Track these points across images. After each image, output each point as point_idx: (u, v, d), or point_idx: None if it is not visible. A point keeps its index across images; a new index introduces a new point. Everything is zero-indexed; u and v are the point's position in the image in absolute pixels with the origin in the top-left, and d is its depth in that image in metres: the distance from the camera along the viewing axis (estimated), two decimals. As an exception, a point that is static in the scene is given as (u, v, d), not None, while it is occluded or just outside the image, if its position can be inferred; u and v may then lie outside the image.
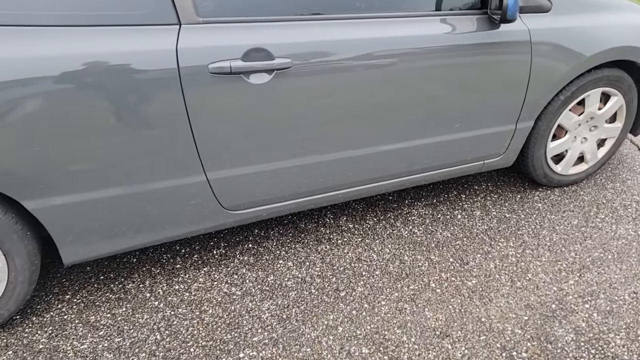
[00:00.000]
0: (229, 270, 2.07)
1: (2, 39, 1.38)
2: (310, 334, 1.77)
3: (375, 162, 2.03)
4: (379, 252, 2.17)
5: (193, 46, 1.57)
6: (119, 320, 1.82)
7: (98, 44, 1.47)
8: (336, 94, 1.81)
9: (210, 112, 1.65)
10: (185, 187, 1.76)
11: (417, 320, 1.83)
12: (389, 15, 1.86)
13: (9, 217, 1.58)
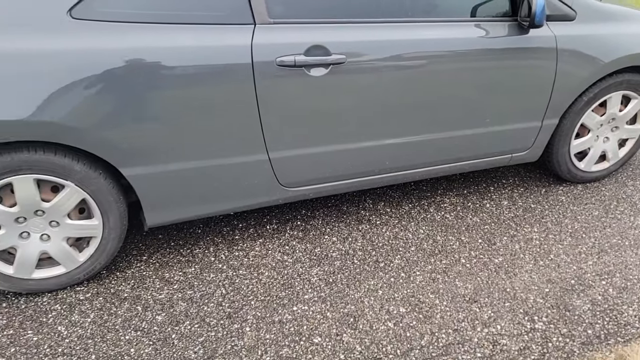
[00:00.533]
0: (281, 242, 2.34)
1: (117, 33, 1.71)
2: (354, 295, 2.03)
3: (414, 150, 2.29)
4: (414, 232, 2.42)
5: (265, 42, 1.87)
6: (190, 278, 2.12)
7: (189, 39, 1.79)
8: (382, 88, 2.08)
9: (276, 99, 1.94)
10: (250, 164, 2.05)
11: (448, 288, 2.07)
12: (431, 20, 2.14)
13: (107, 182, 1.90)
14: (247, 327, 1.88)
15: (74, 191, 1.86)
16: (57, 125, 1.70)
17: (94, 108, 1.73)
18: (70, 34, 1.68)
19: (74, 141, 1.75)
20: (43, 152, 1.76)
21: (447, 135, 2.32)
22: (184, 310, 1.96)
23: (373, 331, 1.87)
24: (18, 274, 1.92)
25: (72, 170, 1.82)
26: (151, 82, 1.78)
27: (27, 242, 1.89)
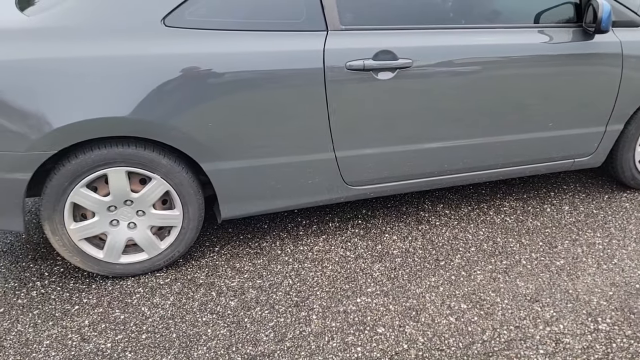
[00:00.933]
0: (343, 239, 2.44)
1: (204, 40, 1.88)
2: (415, 290, 2.10)
3: (477, 153, 2.34)
4: (473, 234, 2.46)
5: (336, 47, 2.00)
6: (258, 268, 2.25)
7: (267, 45, 1.94)
8: (446, 91, 2.16)
9: (345, 100, 2.06)
10: (318, 162, 2.17)
11: (510, 287, 2.10)
12: (495, 26, 2.20)
13: (189, 175, 2.07)
14: (314, 315, 1.99)
15: (160, 183, 2.03)
16: (150, 122, 1.88)
17: (181, 108, 1.90)
18: (164, 40, 1.86)
19: (164, 137, 1.93)
20: (135, 147, 1.95)
21: (510, 138, 2.36)
22: (255, 297, 2.09)
23: (435, 324, 1.94)
24: (107, 259, 2.11)
25: (159, 164, 2.00)
26: (232, 85, 1.94)
27: (117, 229, 2.09)
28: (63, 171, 1.91)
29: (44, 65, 1.79)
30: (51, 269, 2.28)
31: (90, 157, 1.91)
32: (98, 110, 1.83)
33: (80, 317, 2.00)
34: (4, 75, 1.77)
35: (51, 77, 1.80)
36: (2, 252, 2.40)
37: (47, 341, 1.89)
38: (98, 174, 1.95)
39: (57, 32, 1.82)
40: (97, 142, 1.92)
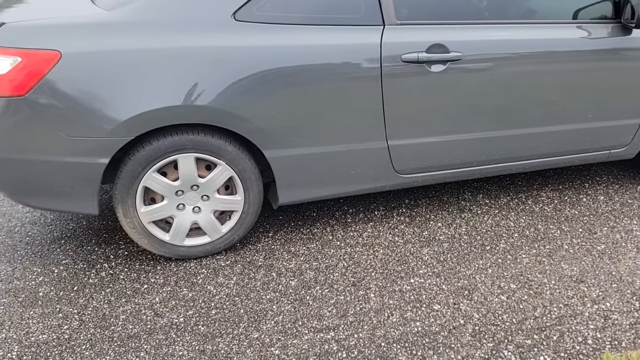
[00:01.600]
0: (390, 226, 2.55)
1: (271, 33, 2.00)
2: (465, 272, 2.21)
3: (521, 143, 2.45)
4: (515, 221, 2.56)
5: (392, 41, 2.12)
6: (313, 252, 2.36)
7: (329, 38, 2.06)
8: (494, 83, 2.27)
9: (399, 91, 2.18)
10: (371, 151, 2.28)
11: (555, 269, 2.21)
12: (539, 22, 2.32)
13: (251, 162, 2.19)
14: (372, 294, 2.10)
15: (225, 169, 2.15)
16: (221, 111, 2.01)
17: (249, 97, 2.02)
18: (234, 34, 1.99)
19: (232, 125, 2.05)
20: (204, 135, 2.07)
21: (552, 129, 2.47)
22: (313, 277, 2.20)
23: (488, 302, 2.04)
24: (172, 241, 2.23)
25: (225, 151, 2.12)
26: (295, 76, 2.06)
27: (183, 213, 2.20)
28: (138, 156, 2.03)
29: (125, 56, 1.92)
30: (116, 252, 2.40)
31: (164, 144, 2.03)
32: (174, 99, 1.95)
33: (150, 295, 2.12)
34: (89, 65, 1.90)
35: (131, 67, 1.93)
36: (67, 237, 2.52)
37: (123, 316, 2.01)
38: (169, 159, 2.07)
39: (136, 26, 1.95)
40: (169, 130, 2.05)
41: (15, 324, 1.99)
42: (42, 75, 1.87)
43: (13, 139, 1.95)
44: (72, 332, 1.94)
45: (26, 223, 2.66)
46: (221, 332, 1.93)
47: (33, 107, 1.89)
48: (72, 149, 1.95)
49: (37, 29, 1.93)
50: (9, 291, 2.17)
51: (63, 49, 1.88)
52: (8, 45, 1.89)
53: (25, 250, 2.43)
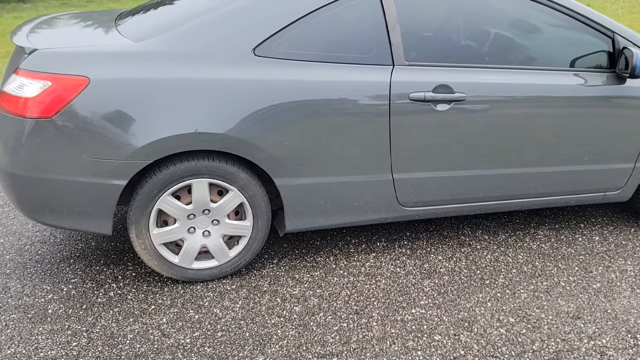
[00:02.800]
0: (392, 257, 2.62)
1: (299, 69, 2.13)
2: (465, 304, 2.26)
3: (519, 182, 2.56)
4: (513, 257, 2.64)
5: (401, 80, 2.25)
6: (316, 279, 2.42)
7: (341, 75, 2.19)
8: (495, 122, 2.40)
9: (405, 127, 2.29)
10: (377, 183, 2.38)
11: (552, 305, 2.27)
12: (539, 68, 2.46)
13: (262, 190, 2.27)
14: (374, 322, 2.15)
15: (236, 195, 2.24)
16: (237, 139, 2.11)
17: (264, 127, 2.13)
18: (253, 68, 2.11)
19: (246, 153, 2.14)
20: (219, 161, 2.17)
21: (550, 170, 2.58)
22: (317, 304, 2.25)
23: (487, 334, 2.09)
24: (181, 263, 2.29)
25: (238, 177, 2.20)
26: (309, 109, 2.17)
27: (193, 236, 2.27)
28: (154, 180, 2.11)
29: (148, 85, 2.03)
30: (124, 272, 2.45)
31: (180, 168, 2.12)
32: (193, 126, 2.05)
33: (157, 316, 2.16)
34: (114, 92, 2.01)
35: (154, 95, 2.03)
36: (76, 257, 2.57)
37: (131, 335, 2.05)
38: (184, 183, 2.15)
39: (160, 57, 2.07)
40: (186, 155, 2.14)
41: (24, 339, 2.03)
42: (70, 99, 1.97)
43: (37, 159, 2.04)
44: (80, 349, 1.98)
45: (36, 242, 2.71)
46: (227, 354, 1.97)
47: (59, 128, 1.99)
48: (92, 170, 2.04)
49: (68, 56, 2.04)
50: (19, 307, 2.20)
51: (91, 75, 2.00)
52: (39, 70, 2.00)
53: (35, 268, 2.48)
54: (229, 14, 2.16)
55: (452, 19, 2.53)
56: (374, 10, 2.24)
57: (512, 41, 2.63)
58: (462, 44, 2.44)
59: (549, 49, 2.60)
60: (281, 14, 2.19)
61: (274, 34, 2.15)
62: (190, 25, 2.15)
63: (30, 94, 1.99)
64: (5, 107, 2.08)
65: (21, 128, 2.03)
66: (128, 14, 2.61)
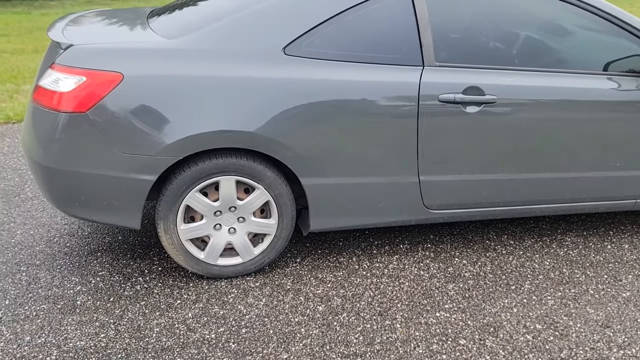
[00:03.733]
0: (415, 259, 2.61)
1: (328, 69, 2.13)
2: (490, 309, 2.24)
3: (548, 187, 2.52)
4: (539, 263, 2.60)
5: (430, 81, 2.23)
6: (339, 280, 2.42)
7: (371, 75, 2.18)
8: (525, 126, 2.37)
9: (434, 129, 2.28)
10: (402, 185, 2.37)
11: (581, 313, 2.23)
12: (572, 71, 2.42)
13: (288, 189, 2.28)
14: (398, 325, 2.14)
15: (262, 193, 2.25)
16: (266, 138, 2.12)
17: (293, 127, 2.14)
18: (283, 66, 2.12)
19: (274, 152, 2.15)
20: (246, 159, 2.18)
21: (580, 175, 2.53)
22: (340, 304, 2.25)
23: (513, 340, 2.07)
24: (207, 259, 2.31)
25: (264, 176, 2.22)
26: (337, 109, 2.18)
27: (219, 233, 2.29)
28: (183, 176, 2.14)
29: (180, 82, 2.06)
30: (150, 267, 2.48)
31: (209, 165, 2.14)
32: (223, 124, 2.07)
33: (183, 310, 2.18)
34: (147, 88, 2.04)
35: (185, 92, 2.06)
36: (103, 250, 2.62)
37: (157, 328, 2.07)
38: (212, 180, 2.17)
39: (192, 54, 2.10)
40: (215, 152, 2.16)
41: (54, 329, 2.07)
42: (103, 94, 2.01)
43: (70, 152, 2.08)
44: (108, 341, 2.01)
45: (65, 234, 2.76)
46: (251, 351, 1.98)
47: (92, 123, 2.02)
48: (124, 165, 2.07)
49: (102, 52, 2.08)
50: (49, 298, 2.25)
51: (125, 71, 2.03)
52: (75, 65, 2.04)
53: (63, 260, 2.53)
54: (260, 13, 2.18)
55: (483, 20, 2.50)
56: (405, 11, 2.23)
57: (543, 43, 2.59)
58: (492, 46, 2.41)
59: (581, 51, 2.56)
60: (312, 13, 2.20)
61: (305, 33, 2.16)
62: (222, 23, 2.17)
63: (65, 88, 2.03)
64: (41, 101, 2.13)
65: (55, 122, 2.08)
66: (160, 11, 2.64)
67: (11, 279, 2.37)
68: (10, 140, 4.05)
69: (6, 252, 2.58)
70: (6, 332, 2.04)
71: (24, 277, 2.39)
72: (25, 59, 6.62)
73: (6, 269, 2.44)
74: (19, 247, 2.62)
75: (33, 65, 6.21)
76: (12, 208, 3.00)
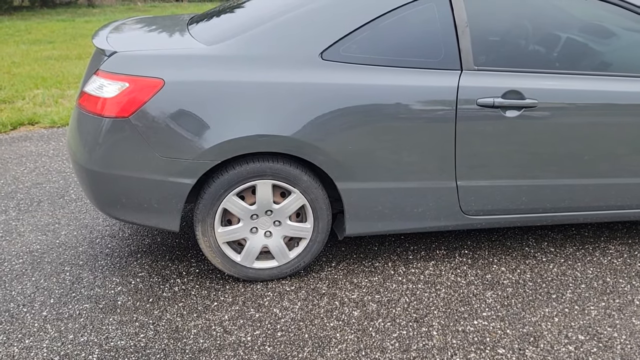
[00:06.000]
0: (452, 266, 2.57)
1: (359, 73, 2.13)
2: (530, 318, 2.18)
3: (590, 193, 2.44)
4: (582, 272, 2.52)
5: (469, 85, 2.20)
6: (375, 285, 2.41)
7: (409, 79, 2.17)
8: (566, 130, 2.31)
9: (472, 133, 2.24)
10: (439, 190, 2.34)
11: (625, 324, 2.15)
12: (614, 74, 2.35)
13: (323, 193, 2.29)
14: (434, 332, 2.11)
15: (298, 197, 2.26)
16: (303, 142, 2.13)
17: (329, 131, 2.14)
18: (320, 71, 2.13)
19: (311, 156, 2.16)
20: (283, 163, 2.20)
21: (623, 181, 2.44)
22: (376, 310, 2.24)
23: (554, 351, 2.01)
24: (243, 262, 2.34)
25: (300, 180, 2.23)
26: (374, 114, 2.17)
27: (255, 236, 2.31)
28: (221, 180, 2.17)
29: (219, 87, 2.09)
30: (188, 269, 2.53)
31: (246, 169, 2.17)
32: (261, 128, 2.10)
33: (220, 312, 2.21)
34: (187, 93, 2.08)
35: (224, 97, 2.09)
36: (143, 252, 2.68)
37: (195, 330, 2.11)
38: (249, 184, 2.20)
39: (231, 60, 2.13)
40: (251, 157, 2.19)
41: (96, 328, 2.13)
42: (146, 99, 2.06)
43: (112, 156, 2.14)
44: (147, 341, 2.06)
45: (106, 236, 2.85)
46: (287, 355, 1.99)
47: (134, 128, 2.08)
48: (164, 169, 2.12)
49: (145, 58, 2.14)
50: (91, 297, 2.32)
51: (166, 77, 2.08)
52: (118, 72, 2.10)
53: (105, 261, 2.60)
54: (298, 18, 2.20)
55: (522, 22, 2.45)
56: (443, 14, 2.21)
57: (585, 45, 2.52)
58: (532, 49, 2.35)
59: (625, 54, 2.47)
60: (349, 18, 2.20)
61: (342, 38, 2.16)
62: (260, 30, 2.20)
63: (109, 94, 2.10)
64: (86, 106, 2.20)
65: (99, 127, 2.15)
66: (200, 18, 2.70)
67: (55, 278, 2.46)
68: (55, 144, 4.21)
69: (51, 252, 2.68)
70: (51, 330, 2.12)
71: (68, 276, 2.47)
72: (69, 64, 6.88)
73: (51, 269, 2.53)
74: (63, 248, 2.72)
75: (77, 71, 6.44)
76: (57, 209, 3.11)
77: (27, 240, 2.78)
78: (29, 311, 2.23)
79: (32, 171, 3.65)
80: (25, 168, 3.71)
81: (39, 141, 4.26)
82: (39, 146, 4.15)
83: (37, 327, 2.14)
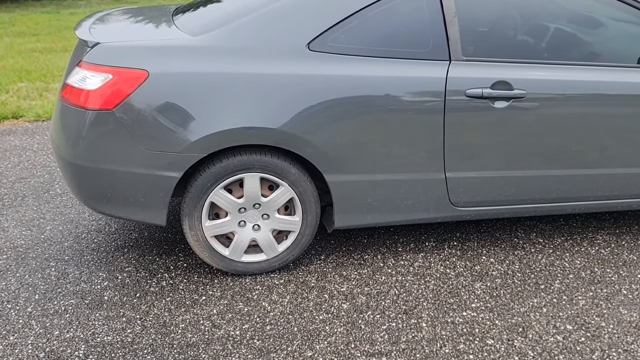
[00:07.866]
0: (441, 258, 2.57)
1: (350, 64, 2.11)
2: (519, 309, 2.19)
3: (578, 183, 2.45)
4: (570, 262, 2.53)
5: (457, 76, 2.19)
6: (364, 277, 2.40)
7: (397, 70, 2.15)
8: (555, 121, 2.30)
9: (461, 124, 2.23)
10: (428, 181, 2.33)
11: (613, 314, 2.16)
12: (602, 64, 2.34)
13: (312, 186, 2.27)
14: (424, 323, 2.11)
15: (287, 190, 2.24)
16: (290, 134, 2.11)
17: (317, 123, 2.12)
18: (307, 62, 2.10)
19: (298, 149, 2.14)
20: (271, 156, 2.17)
21: (612, 172, 2.45)
22: (365, 302, 2.23)
23: (543, 341, 2.02)
24: (231, 256, 2.32)
25: (288, 173, 2.21)
26: (362, 105, 2.15)
27: (243, 230, 2.29)
28: (208, 173, 2.14)
29: (204, 78, 2.06)
30: (175, 263, 2.50)
31: (233, 162, 2.14)
32: (248, 121, 2.07)
33: (208, 307, 2.19)
34: (172, 85, 2.05)
35: (210, 89, 2.06)
36: (130, 246, 2.65)
37: (183, 325, 2.09)
38: (236, 177, 2.18)
39: (217, 51, 2.10)
40: (239, 149, 2.16)
41: (82, 324, 2.10)
42: (130, 91, 2.02)
43: (97, 149, 2.10)
44: (135, 337, 2.03)
45: (92, 230, 2.81)
46: (276, 348, 1.98)
47: (119, 120, 2.04)
48: (149, 162, 2.09)
49: (128, 50, 2.10)
50: (77, 293, 2.29)
51: (150, 68, 2.04)
52: (101, 63, 2.06)
53: (91, 256, 2.57)
54: (284, 9, 2.16)
55: (511, 13, 2.44)
56: (431, 4, 2.18)
57: (574, 36, 2.51)
58: (521, 39, 2.34)
59: (614, 44, 2.47)
60: (336, 8, 2.17)
61: (329, 29, 2.13)
62: (246, 20, 2.16)
63: (92, 86, 2.06)
64: (69, 99, 2.16)
65: (83, 120, 2.10)
66: (185, 8, 2.65)
67: (41, 274, 2.42)
68: (39, 138, 4.14)
69: (36, 247, 2.64)
70: (36, 327, 2.09)
71: (53, 272, 2.44)
72: (54, 57, 6.77)
73: (36, 264, 2.49)
74: (48, 243, 2.68)
75: (62, 64, 6.34)
76: (42, 204, 3.07)
77: (11, 236, 2.73)
78: (14, 307, 2.20)
79: (16, 165, 3.60)
80: (9, 162, 3.65)
81: (23, 135, 4.19)
82: (24, 140, 4.08)
83: (22, 323, 2.11)
